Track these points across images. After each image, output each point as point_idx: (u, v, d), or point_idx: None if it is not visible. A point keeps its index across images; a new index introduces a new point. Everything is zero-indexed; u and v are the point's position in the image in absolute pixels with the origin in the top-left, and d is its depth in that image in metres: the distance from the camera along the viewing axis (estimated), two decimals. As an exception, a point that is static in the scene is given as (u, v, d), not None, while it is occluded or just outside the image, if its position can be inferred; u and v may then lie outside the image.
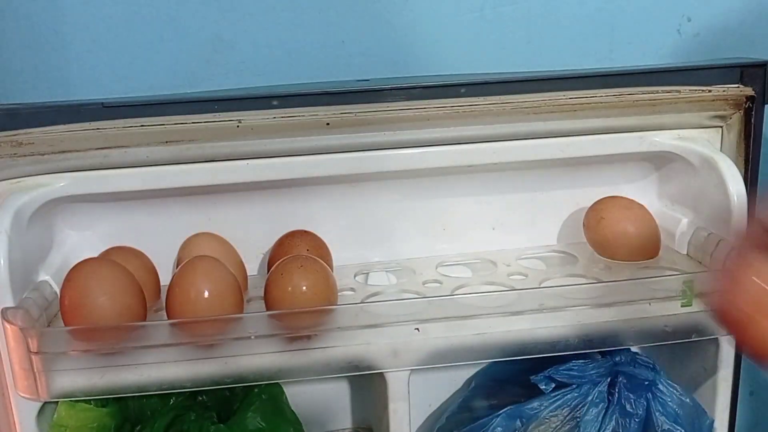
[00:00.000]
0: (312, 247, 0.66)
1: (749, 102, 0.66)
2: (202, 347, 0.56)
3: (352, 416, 0.76)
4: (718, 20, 0.78)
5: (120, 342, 0.55)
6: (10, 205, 0.58)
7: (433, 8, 0.74)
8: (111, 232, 0.67)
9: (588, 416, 0.61)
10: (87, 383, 0.56)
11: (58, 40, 0.70)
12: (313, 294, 0.57)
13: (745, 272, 0.36)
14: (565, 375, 0.62)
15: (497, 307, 0.58)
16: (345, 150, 0.63)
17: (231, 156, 0.62)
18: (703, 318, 0.60)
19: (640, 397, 0.63)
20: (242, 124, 0.61)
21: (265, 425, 0.62)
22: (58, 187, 0.61)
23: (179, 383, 0.57)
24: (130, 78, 0.72)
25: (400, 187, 0.70)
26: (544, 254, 0.73)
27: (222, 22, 0.71)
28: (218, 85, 0.73)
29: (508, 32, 0.76)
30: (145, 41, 0.71)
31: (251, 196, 0.68)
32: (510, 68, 0.76)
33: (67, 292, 0.55)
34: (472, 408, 0.69)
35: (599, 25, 0.76)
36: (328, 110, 0.62)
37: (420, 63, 0.75)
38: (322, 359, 0.58)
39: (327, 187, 0.69)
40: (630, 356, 0.64)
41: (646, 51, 0.78)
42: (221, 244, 0.66)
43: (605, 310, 0.59)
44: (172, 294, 0.57)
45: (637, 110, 0.65)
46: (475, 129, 0.64)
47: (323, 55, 0.74)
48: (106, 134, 0.60)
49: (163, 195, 0.65)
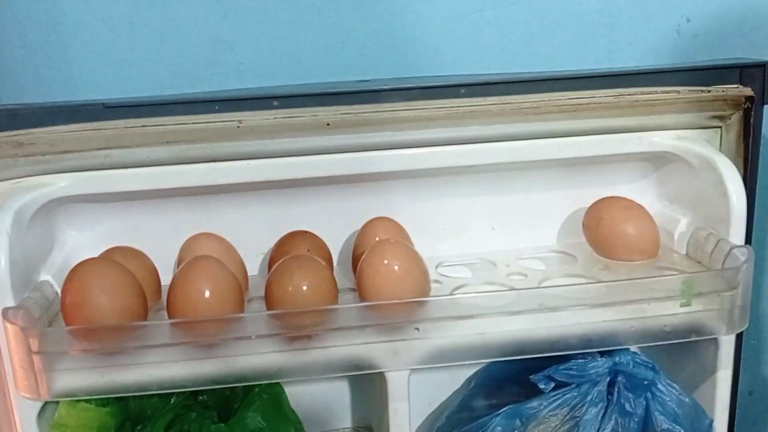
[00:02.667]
0: (312, 247, 0.66)
1: (748, 102, 0.66)
2: (202, 347, 0.56)
3: (352, 416, 0.76)
4: (717, 20, 0.78)
5: (121, 342, 0.55)
6: (11, 205, 0.58)
7: (433, 9, 0.74)
8: (112, 232, 0.67)
9: (587, 416, 0.62)
10: (88, 383, 0.56)
11: (59, 40, 0.70)
12: (313, 294, 0.57)
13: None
14: (564, 374, 0.62)
15: (497, 307, 0.58)
16: (345, 150, 0.63)
17: (231, 156, 0.62)
18: (702, 318, 0.61)
19: (640, 397, 0.63)
20: (243, 125, 0.61)
21: (266, 425, 0.62)
22: (59, 187, 0.61)
23: (180, 383, 0.57)
24: (130, 78, 0.72)
25: (400, 187, 0.71)
26: (543, 254, 0.73)
27: (222, 23, 0.72)
28: (219, 86, 0.73)
29: (508, 32, 0.76)
30: (146, 41, 0.71)
31: (251, 196, 0.68)
32: (510, 68, 0.77)
33: (68, 292, 0.55)
34: (471, 407, 0.69)
35: (599, 25, 0.77)
36: (329, 110, 0.62)
37: (420, 63, 0.75)
38: (322, 359, 0.58)
39: (327, 187, 0.69)
40: (629, 356, 0.64)
41: (646, 51, 0.78)
42: (222, 244, 0.67)
43: (605, 310, 0.59)
44: (173, 294, 0.57)
45: (637, 111, 0.65)
46: (475, 129, 0.64)
47: (323, 56, 0.74)
48: (107, 134, 0.60)
49: (164, 195, 0.65)
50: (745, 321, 0.61)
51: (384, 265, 0.58)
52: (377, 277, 0.58)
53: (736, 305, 0.60)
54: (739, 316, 0.60)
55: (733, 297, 0.60)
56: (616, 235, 0.67)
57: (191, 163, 0.62)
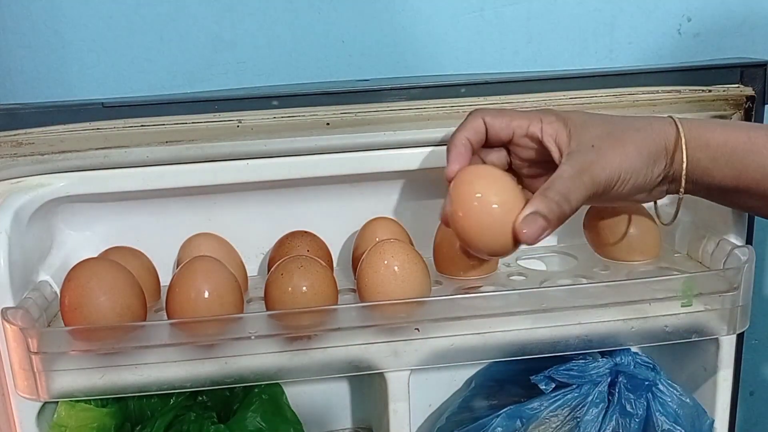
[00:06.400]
0: (312, 247, 0.66)
1: (749, 102, 0.66)
2: (202, 347, 0.56)
3: (352, 416, 0.76)
4: (718, 20, 0.78)
5: (120, 342, 0.55)
6: (10, 205, 0.58)
7: (433, 8, 0.74)
8: (111, 232, 0.67)
9: (588, 416, 0.62)
10: (87, 383, 0.56)
11: (58, 40, 0.70)
12: (313, 294, 0.57)
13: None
14: (565, 375, 0.62)
15: (497, 308, 0.58)
16: (345, 150, 0.63)
17: (231, 156, 0.62)
18: (703, 318, 0.60)
19: (640, 397, 0.63)
20: (242, 124, 0.61)
21: (265, 425, 0.62)
22: (58, 187, 0.61)
23: (179, 383, 0.57)
24: (130, 78, 0.72)
25: (400, 187, 0.70)
26: (544, 254, 0.73)
27: (222, 22, 0.71)
28: (218, 85, 0.73)
29: (508, 32, 0.76)
30: (145, 41, 0.71)
31: (251, 196, 0.68)
32: (510, 68, 0.76)
33: (67, 292, 0.55)
34: (472, 408, 0.69)
35: (599, 25, 0.76)
36: (328, 110, 0.62)
37: (420, 63, 0.75)
38: (322, 359, 0.58)
39: (327, 187, 0.69)
40: (630, 356, 0.64)
41: (646, 51, 0.78)
42: (221, 244, 0.66)
43: (605, 310, 0.59)
44: (172, 294, 0.57)
45: (637, 110, 0.65)
46: (475, 129, 0.63)
47: (323, 55, 0.74)
48: (106, 134, 0.60)
49: (163, 195, 0.65)
50: (746, 321, 0.61)
51: (384, 265, 0.58)
52: (377, 277, 0.58)
53: (737, 305, 0.60)
54: (740, 316, 0.60)
55: (734, 297, 0.60)
56: (617, 235, 0.66)
57: (191, 163, 0.62)
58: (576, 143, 0.51)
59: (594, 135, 0.51)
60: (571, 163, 0.50)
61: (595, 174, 0.50)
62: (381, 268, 0.58)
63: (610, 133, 0.51)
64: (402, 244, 0.60)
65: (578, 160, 0.50)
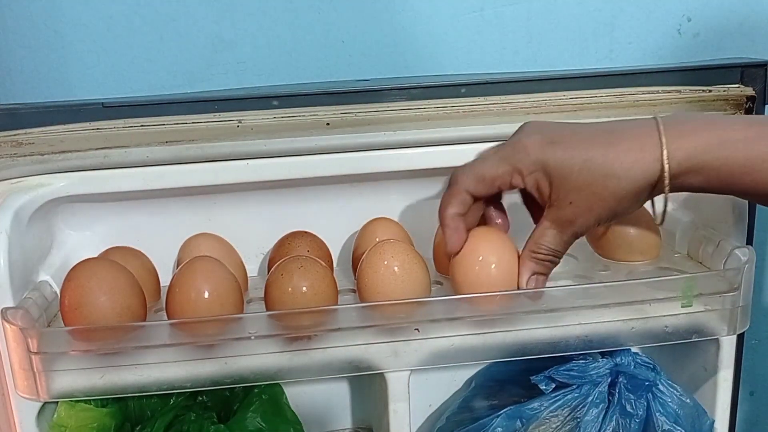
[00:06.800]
0: (312, 247, 0.66)
1: (750, 102, 0.66)
2: (202, 347, 0.56)
3: (352, 416, 0.76)
4: (718, 20, 0.77)
5: (120, 342, 0.55)
6: (10, 205, 0.58)
7: (433, 8, 0.74)
8: (111, 232, 0.67)
9: (588, 417, 0.61)
10: (87, 383, 0.56)
11: (58, 40, 0.70)
12: (313, 294, 0.57)
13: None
14: (565, 375, 0.62)
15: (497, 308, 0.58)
16: (345, 150, 0.63)
17: (231, 156, 0.62)
18: (703, 318, 0.60)
19: (641, 398, 0.63)
20: (242, 124, 0.61)
21: (265, 425, 0.62)
22: (58, 187, 0.61)
23: (179, 383, 0.57)
24: (130, 78, 0.72)
25: (400, 187, 0.70)
26: (544, 254, 0.73)
27: (222, 22, 0.71)
28: (218, 85, 0.73)
29: (508, 32, 0.76)
30: (145, 41, 0.71)
31: (251, 196, 0.68)
32: (510, 68, 0.76)
33: (67, 292, 0.55)
34: (472, 408, 0.69)
35: (599, 25, 0.76)
36: (328, 110, 0.62)
37: (420, 63, 0.75)
38: (322, 359, 0.58)
39: (327, 187, 0.69)
40: (630, 357, 0.64)
41: (646, 51, 0.78)
42: (221, 244, 0.66)
43: (605, 310, 0.59)
44: (172, 294, 0.57)
45: (637, 110, 0.65)
46: (475, 129, 0.64)
47: (323, 55, 0.74)
48: (106, 134, 0.60)
49: (163, 195, 0.65)
50: (746, 321, 0.61)
51: (384, 265, 0.58)
52: (377, 277, 0.58)
53: (738, 306, 0.60)
54: (740, 316, 0.60)
55: (734, 297, 0.59)
56: (617, 235, 0.66)
57: (191, 163, 0.62)
58: (556, 195, 0.53)
59: (573, 187, 0.52)
60: (551, 218, 0.54)
61: (577, 227, 0.54)
62: (381, 269, 0.58)
63: (589, 185, 0.52)
64: (402, 244, 0.60)
65: (559, 216, 0.54)
